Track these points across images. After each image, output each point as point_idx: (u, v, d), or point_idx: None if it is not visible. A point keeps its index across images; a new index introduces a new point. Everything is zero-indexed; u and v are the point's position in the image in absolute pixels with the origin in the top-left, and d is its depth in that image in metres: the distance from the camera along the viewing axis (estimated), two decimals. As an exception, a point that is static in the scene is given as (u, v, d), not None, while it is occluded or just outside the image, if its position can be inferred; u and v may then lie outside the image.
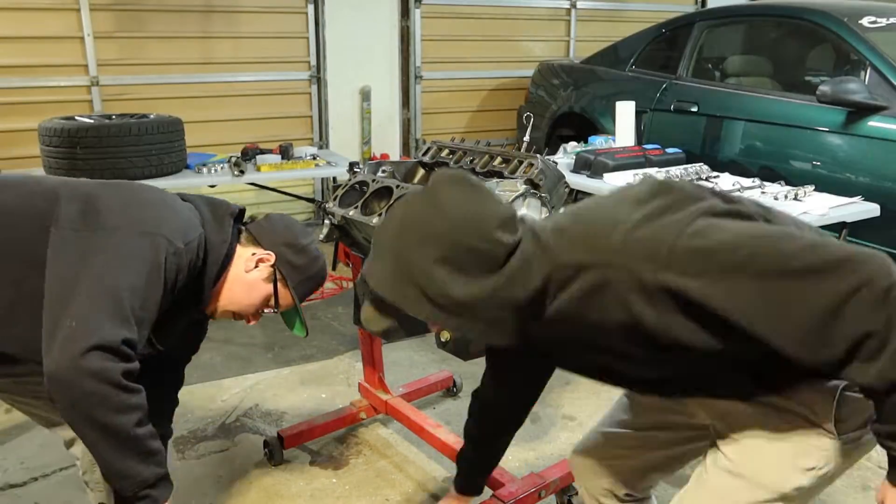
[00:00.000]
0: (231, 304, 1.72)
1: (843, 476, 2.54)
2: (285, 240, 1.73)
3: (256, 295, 1.71)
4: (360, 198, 2.16)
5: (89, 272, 1.39)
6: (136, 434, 1.38)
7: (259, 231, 1.73)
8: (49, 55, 4.38)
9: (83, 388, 1.30)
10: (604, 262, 1.18)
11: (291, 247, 1.72)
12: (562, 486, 2.29)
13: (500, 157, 2.14)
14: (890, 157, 3.16)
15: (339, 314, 3.92)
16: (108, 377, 1.32)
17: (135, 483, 1.42)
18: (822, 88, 3.30)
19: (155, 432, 1.45)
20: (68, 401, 1.32)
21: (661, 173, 3.33)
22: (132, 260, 1.43)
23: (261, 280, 1.70)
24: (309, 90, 5.22)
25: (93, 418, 1.34)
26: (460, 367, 2.98)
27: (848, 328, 1.08)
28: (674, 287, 1.13)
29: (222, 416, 2.87)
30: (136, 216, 1.51)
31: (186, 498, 2.37)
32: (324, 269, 1.81)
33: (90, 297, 1.36)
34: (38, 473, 2.48)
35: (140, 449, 1.41)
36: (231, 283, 1.68)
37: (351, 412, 2.72)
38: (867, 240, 3.17)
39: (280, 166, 4.04)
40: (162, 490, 1.46)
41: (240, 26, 4.86)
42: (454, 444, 2.38)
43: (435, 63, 5.63)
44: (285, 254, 1.71)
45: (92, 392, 1.31)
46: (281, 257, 1.71)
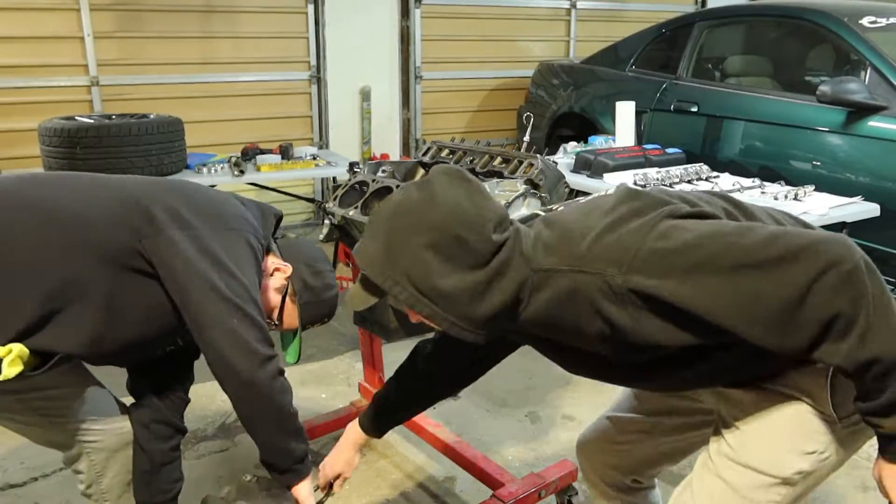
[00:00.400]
0: None
1: (843, 476, 2.55)
2: (306, 259, 1.79)
3: (265, 302, 1.70)
4: (360, 198, 2.16)
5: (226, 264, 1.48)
6: (291, 413, 1.55)
7: (287, 245, 1.80)
8: (49, 55, 4.39)
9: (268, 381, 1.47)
10: (574, 268, 1.20)
11: (310, 267, 1.78)
12: (562, 486, 2.29)
13: (500, 157, 2.14)
14: (890, 157, 3.16)
15: (339, 314, 3.91)
16: (278, 367, 1.50)
17: (291, 458, 1.58)
18: (822, 88, 3.30)
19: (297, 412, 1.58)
20: (255, 399, 1.48)
21: (661, 173, 3.33)
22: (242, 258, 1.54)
23: (272, 289, 1.73)
24: (309, 90, 5.22)
25: (273, 406, 1.50)
26: (460, 367, 2.98)
27: (814, 313, 1.10)
28: (642, 289, 1.15)
29: (222, 416, 2.87)
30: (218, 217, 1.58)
31: (186, 498, 2.37)
32: (334, 301, 1.84)
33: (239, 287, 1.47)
34: (38, 473, 2.48)
35: (294, 427, 1.58)
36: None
37: (351, 412, 2.71)
38: (867, 240, 3.17)
39: (280, 166, 4.04)
40: (304, 466, 1.62)
41: (240, 26, 4.86)
42: (454, 444, 2.38)
43: (435, 63, 5.63)
44: (302, 271, 1.76)
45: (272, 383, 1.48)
46: (297, 273, 1.75)
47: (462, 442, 2.40)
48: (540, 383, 3.17)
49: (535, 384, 3.16)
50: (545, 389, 3.10)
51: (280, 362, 1.52)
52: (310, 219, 5.47)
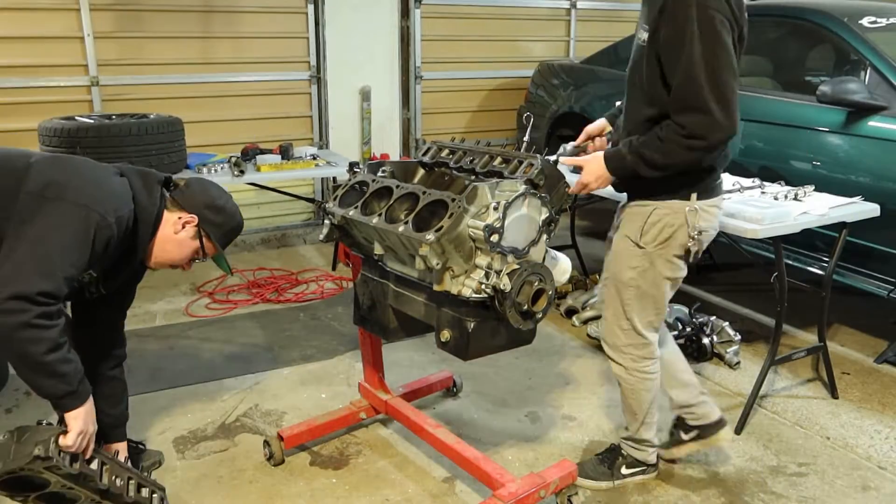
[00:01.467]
0: (165, 258, 2.09)
1: (844, 476, 2.55)
2: (205, 202, 2.08)
3: (186, 249, 2.08)
4: (360, 198, 2.16)
5: (31, 233, 1.76)
6: (45, 360, 1.73)
7: (182, 197, 2.08)
8: (49, 55, 4.39)
9: (3, 326, 1.68)
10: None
11: (211, 208, 2.09)
12: (562, 486, 2.29)
13: (500, 158, 2.13)
14: (890, 157, 3.15)
15: (339, 314, 3.92)
16: (19, 319, 1.68)
17: (51, 396, 1.81)
18: (822, 88, 3.30)
19: (68, 358, 1.79)
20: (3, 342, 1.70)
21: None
22: (68, 227, 1.78)
23: (188, 238, 2.07)
24: (309, 90, 5.22)
25: (10, 348, 1.72)
26: (460, 367, 2.98)
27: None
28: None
29: (222, 416, 2.87)
30: (78, 190, 1.83)
31: (187, 498, 2.38)
32: (240, 220, 2.18)
33: (25, 254, 1.73)
34: (38, 473, 2.48)
35: (49, 371, 1.76)
36: (162, 242, 2.04)
37: (351, 412, 2.71)
38: (867, 240, 3.17)
39: (280, 166, 4.04)
40: (68, 401, 1.81)
41: (240, 26, 4.86)
42: (454, 444, 2.38)
43: (435, 63, 5.63)
44: (206, 215, 2.08)
45: (6, 329, 1.68)
46: (203, 218, 2.07)
47: (462, 442, 2.40)
48: (540, 383, 3.17)
49: (535, 384, 3.16)
50: (545, 389, 3.10)
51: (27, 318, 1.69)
52: (310, 219, 5.47)
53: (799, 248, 3.41)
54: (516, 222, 1.89)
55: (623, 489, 2.44)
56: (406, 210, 2.01)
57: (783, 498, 2.42)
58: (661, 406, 2.45)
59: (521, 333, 2.02)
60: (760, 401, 3.01)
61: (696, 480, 2.50)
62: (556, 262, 2.09)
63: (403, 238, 1.93)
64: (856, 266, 3.28)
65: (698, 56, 1.82)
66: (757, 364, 3.27)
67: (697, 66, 1.82)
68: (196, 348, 3.46)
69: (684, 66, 1.83)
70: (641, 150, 1.96)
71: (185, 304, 4.03)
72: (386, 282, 2.23)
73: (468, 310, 1.94)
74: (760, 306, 4.03)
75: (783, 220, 2.66)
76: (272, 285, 4.34)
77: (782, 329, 2.89)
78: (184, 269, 2.16)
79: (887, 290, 3.17)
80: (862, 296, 3.40)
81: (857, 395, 3.10)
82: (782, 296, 2.79)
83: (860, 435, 2.78)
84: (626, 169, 2.01)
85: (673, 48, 1.86)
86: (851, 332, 3.73)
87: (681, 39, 1.83)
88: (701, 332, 3.43)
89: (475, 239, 1.85)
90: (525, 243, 1.92)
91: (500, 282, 1.85)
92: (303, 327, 3.75)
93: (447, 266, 1.90)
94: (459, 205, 1.84)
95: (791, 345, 3.51)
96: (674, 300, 3.84)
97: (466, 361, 2.09)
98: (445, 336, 2.01)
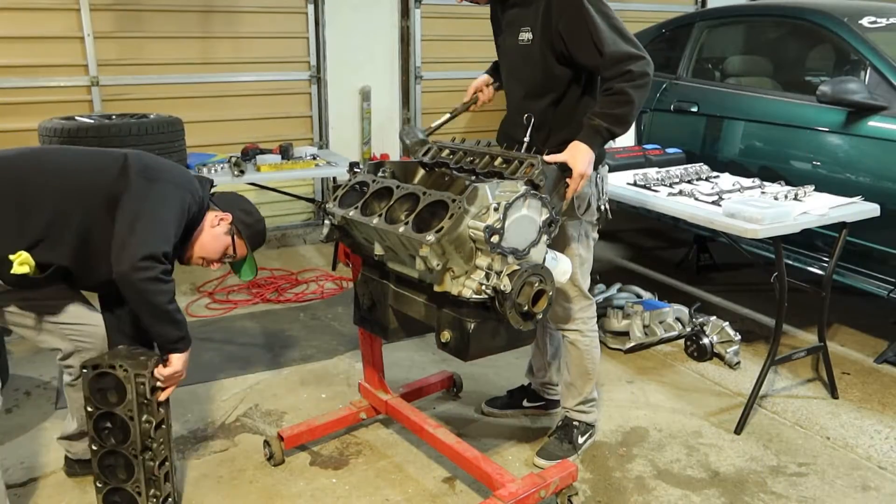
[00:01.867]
0: (202, 250, 2.30)
1: (844, 476, 2.55)
2: (238, 206, 2.41)
3: (220, 243, 2.32)
4: (360, 198, 2.16)
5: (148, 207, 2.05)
6: (168, 308, 2.05)
7: (220, 200, 2.40)
8: (49, 55, 4.38)
9: (139, 281, 1.96)
10: None
11: (242, 210, 2.40)
12: (562, 486, 2.29)
13: (500, 158, 2.13)
14: (890, 157, 3.15)
15: (339, 314, 3.92)
16: (150, 274, 1.97)
17: (167, 340, 2.10)
18: (822, 88, 3.30)
19: (179, 308, 2.10)
20: (130, 290, 1.98)
21: (661, 173, 3.34)
22: (173, 203, 2.11)
23: (222, 233, 2.32)
24: (309, 90, 5.22)
25: (142, 299, 2.00)
26: (460, 367, 2.98)
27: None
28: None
29: (222, 416, 2.87)
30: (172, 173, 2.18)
31: (187, 498, 2.38)
32: (265, 229, 2.49)
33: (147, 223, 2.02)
34: (37, 473, 2.48)
35: (171, 318, 2.07)
36: (203, 234, 2.28)
37: (351, 412, 2.72)
38: (867, 240, 3.17)
39: (280, 166, 4.05)
40: (181, 345, 2.12)
41: (240, 26, 4.86)
42: (454, 444, 2.38)
43: (435, 63, 5.63)
44: (239, 214, 2.37)
45: (142, 283, 1.97)
46: (236, 217, 2.36)
47: (462, 442, 2.40)
48: (540, 383, 3.17)
49: (535, 384, 3.16)
50: (545, 389, 3.10)
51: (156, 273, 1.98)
52: (310, 219, 5.47)
53: (799, 248, 3.41)
54: (517, 223, 1.89)
55: (623, 489, 2.45)
56: (406, 211, 2.01)
57: (783, 498, 2.42)
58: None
59: (522, 334, 2.02)
60: (760, 401, 3.01)
61: (696, 480, 2.51)
62: (557, 263, 2.09)
63: (404, 239, 1.93)
64: (856, 266, 3.28)
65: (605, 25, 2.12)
66: (757, 364, 3.27)
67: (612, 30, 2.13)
68: (196, 348, 3.42)
69: (605, 35, 2.11)
70: (610, 112, 2.13)
71: (186, 304, 4.03)
72: (386, 282, 2.23)
73: (468, 311, 1.94)
74: (760, 306, 4.03)
75: (783, 220, 2.66)
76: (272, 285, 4.34)
77: (782, 329, 2.90)
78: (213, 267, 2.38)
79: (887, 290, 3.17)
80: (862, 296, 3.40)
81: (857, 395, 3.10)
82: (782, 296, 2.79)
83: (860, 435, 2.78)
84: (604, 137, 2.16)
85: (579, 29, 2.13)
86: (851, 332, 3.73)
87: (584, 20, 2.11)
88: (701, 332, 3.43)
89: (475, 240, 1.85)
90: (525, 244, 1.92)
91: (500, 283, 1.85)
92: (303, 327, 3.76)
93: (447, 267, 1.90)
94: (460, 205, 1.85)
95: (791, 345, 3.51)
96: (674, 300, 3.86)
97: (466, 362, 2.09)
98: (446, 337, 2.01)
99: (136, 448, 2.10)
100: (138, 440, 2.09)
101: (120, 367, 2.06)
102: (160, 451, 2.15)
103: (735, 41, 4.49)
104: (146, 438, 2.11)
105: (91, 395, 2.09)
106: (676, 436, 2.78)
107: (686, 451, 2.68)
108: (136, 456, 2.11)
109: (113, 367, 2.06)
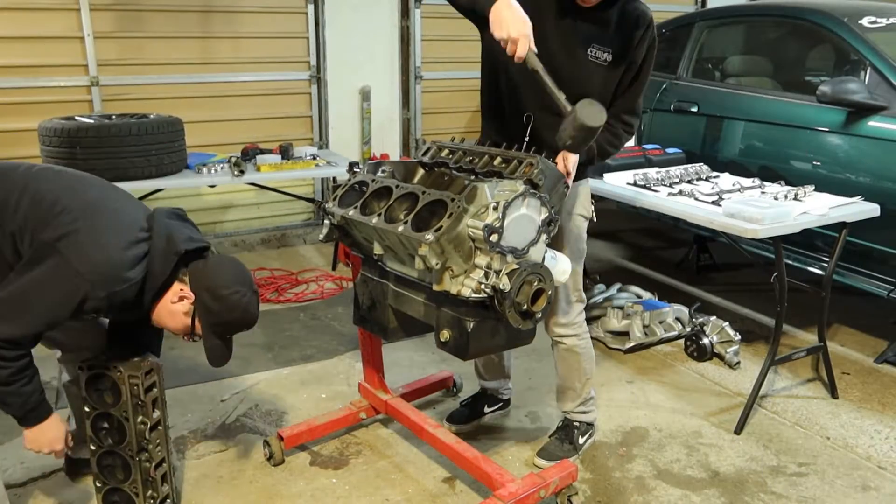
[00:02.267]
0: (161, 322, 2.07)
1: (844, 476, 2.55)
2: (207, 285, 2.00)
3: (178, 323, 2.04)
4: (360, 198, 2.15)
5: (24, 280, 1.82)
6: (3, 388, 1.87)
7: (194, 272, 2.02)
8: (49, 55, 4.38)
9: None
10: None
11: (210, 292, 2.00)
12: (562, 486, 2.29)
13: (499, 158, 2.13)
14: (890, 157, 3.15)
15: (339, 314, 3.92)
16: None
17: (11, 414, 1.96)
18: (822, 88, 3.30)
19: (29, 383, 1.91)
20: None
21: (661, 173, 3.33)
22: (58, 288, 1.82)
23: (181, 312, 2.03)
24: (309, 90, 5.22)
25: None
26: (460, 367, 2.98)
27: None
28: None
29: (222, 416, 2.87)
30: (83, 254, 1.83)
31: (187, 498, 2.38)
32: (241, 318, 2.07)
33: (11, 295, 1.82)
34: (37, 473, 2.48)
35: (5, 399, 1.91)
36: (161, 308, 2.03)
37: (351, 412, 2.71)
38: (867, 240, 3.17)
39: (280, 166, 4.05)
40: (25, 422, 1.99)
41: (240, 26, 4.86)
42: (454, 444, 2.38)
43: (435, 63, 5.63)
44: (203, 298, 2.00)
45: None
46: (199, 300, 2.01)
47: (462, 442, 2.40)
48: (540, 383, 3.17)
49: (535, 384, 3.16)
50: (545, 389, 3.10)
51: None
52: (310, 219, 5.47)
53: (799, 248, 3.41)
54: (516, 222, 1.89)
55: (623, 489, 2.45)
56: (405, 210, 2.01)
57: (783, 498, 2.42)
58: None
59: (521, 333, 2.02)
60: (760, 401, 3.01)
61: (696, 480, 2.50)
62: (556, 262, 2.09)
63: (403, 238, 1.93)
64: (856, 266, 3.28)
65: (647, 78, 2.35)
66: (757, 364, 3.27)
67: (645, 86, 2.36)
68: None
69: (641, 84, 2.33)
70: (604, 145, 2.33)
71: (185, 304, 4.02)
72: (385, 282, 2.23)
73: (467, 309, 1.94)
74: (760, 306, 4.03)
75: (783, 220, 2.66)
76: (272, 285, 4.34)
77: (782, 329, 2.89)
78: (185, 340, 2.13)
79: (887, 290, 3.17)
80: (862, 296, 3.40)
81: (857, 395, 3.10)
82: (782, 296, 2.79)
83: (860, 435, 2.78)
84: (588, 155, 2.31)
85: (643, 73, 2.32)
86: (851, 332, 3.73)
87: (648, 63, 2.31)
88: (701, 332, 3.43)
89: (474, 239, 1.85)
90: (524, 243, 1.92)
91: (499, 282, 1.85)
92: (303, 327, 3.75)
93: (446, 266, 1.90)
94: (459, 204, 1.84)
95: (791, 345, 3.51)
96: (674, 300, 3.86)
97: (466, 361, 2.08)
98: (445, 336, 2.01)
99: (132, 449, 2.10)
100: (134, 441, 2.09)
101: (115, 367, 2.06)
102: (157, 453, 2.15)
103: (735, 41, 4.49)
104: (142, 440, 2.11)
105: (88, 395, 2.09)
106: (676, 436, 2.78)
107: (686, 451, 2.68)
108: (133, 457, 2.11)
109: (108, 367, 2.06)
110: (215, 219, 5.09)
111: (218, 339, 2.06)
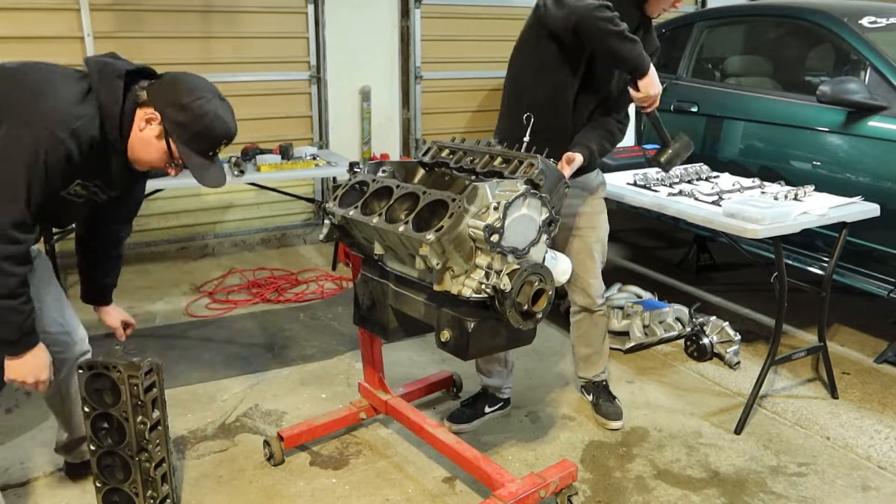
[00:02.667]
0: (138, 159, 1.95)
1: (844, 476, 2.55)
2: (169, 100, 1.89)
3: (153, 150, 1.92)
4: (360, 198, 2.16)
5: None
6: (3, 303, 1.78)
7: (151, 91, 1.92)
8: (49, 55, 4.32)
9: None
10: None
11: (173, 105, 1.88)
12: (562, 486, 2.29)
13: (500, 158, 2.13)
14: (890, 157, 3.15)
15: (339, 314, 3.92)
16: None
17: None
18: (822, 88, 3.30)
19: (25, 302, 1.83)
20: None
21: (661, 173, 3.33)
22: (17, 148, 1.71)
23: (153, 137, 1.90)
24: (309, 90, 5.22)
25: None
26: (460, 367, 2.98)
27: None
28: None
29: (222, 416, 2.87)
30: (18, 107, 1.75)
31: (187, 498, 2.38)
32: (213, 125, 1.94)
33: None
34: (37, 473, 2.48)
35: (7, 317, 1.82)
36: (133, 140, 1.91)
37: (351, 412, 2.71)
38: (867, 240, 3.17)
39: (280, 166, 4.05)
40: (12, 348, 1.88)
41: (240, 26, 4.86)
42: (454, 444, 2.38)
43: (435, 63, 5.63)
44: (168, 113, 1.88)
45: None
46: (165, 117, 1.88)
47: (462, 442, 2.40)
48: (540, 383, 3.17)
49: (535, 384, 3.16)
50: (545, 389, 3.10)
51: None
52: (310, 219, 5.47)
53: (799, 248, 3.41)
54: (516, 222, 1.89)
55: (623, 489, 2.45)
56: (406, 210, 2.01)
57: (783, 498, 2.42)
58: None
59: (521, 333, 2.02)
60: (760, 401, 3.01)
61: (696, 480, 2.51)
62: (557, 263, 2.09)
63: (403, 238, 1.93)
64: (856, 266, 3.28)
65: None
66: (757, 364, 3.27)
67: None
68: (196, 348, 3.46)
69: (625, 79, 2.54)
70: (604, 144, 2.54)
71: (185, 304, 4.03)
72: (386, 282, 2.23)
73: (468, 310, 1.94)
74: (760, 306, 4.03)
75: (783, 220, 2.66)
76: (272, 285, 4.34)
77: (782, 329, 2.89)
78: (168, 174, 2.02)
79: (887, 290, 3.17)
80: (862, 296, 3.40)
81: (857, 395, 3.10)
82: (782, 296, 2.79)
83: (860, 435, 2.78)
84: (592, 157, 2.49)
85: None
86: (851, 332, 3.73)
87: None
88: (701, 332, 3.43)
89: (475, 239, 1.85)
90: (525, 243, 1.92)
91: (500, 282, 1.85)
92: (303, 327, 3.76)
93: (447, 266, 1.90)
94: (460, 205, 1.85)
95: (791, 345, 3.51)
96: (674, 300, 3.86)
97: (466, 361, 2.08)
98: (445, 336, 2.01)
99: (132, 449, 2.10)
100: (134, 441, 2.09)
101: (114, 368, 2.06)
102: (156, 453, 2.15)
103: (735, 41, 4.49)
104: (142, 440, 2.11)
105: (88, 396, 2.09)
106: (676, 436, 2.78)
107: (686, 451, 2.68)
108: (133, 457, 2.11)
109: (108, 368, 2.06)
110: (215, 219, 5.09)
111: (200, 157, 1.94)
